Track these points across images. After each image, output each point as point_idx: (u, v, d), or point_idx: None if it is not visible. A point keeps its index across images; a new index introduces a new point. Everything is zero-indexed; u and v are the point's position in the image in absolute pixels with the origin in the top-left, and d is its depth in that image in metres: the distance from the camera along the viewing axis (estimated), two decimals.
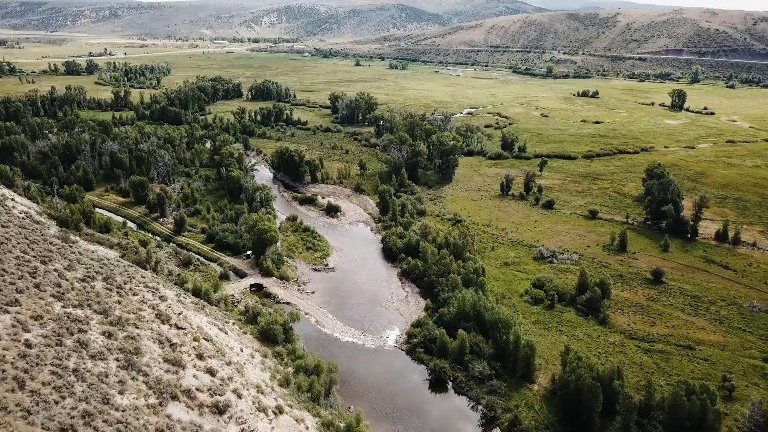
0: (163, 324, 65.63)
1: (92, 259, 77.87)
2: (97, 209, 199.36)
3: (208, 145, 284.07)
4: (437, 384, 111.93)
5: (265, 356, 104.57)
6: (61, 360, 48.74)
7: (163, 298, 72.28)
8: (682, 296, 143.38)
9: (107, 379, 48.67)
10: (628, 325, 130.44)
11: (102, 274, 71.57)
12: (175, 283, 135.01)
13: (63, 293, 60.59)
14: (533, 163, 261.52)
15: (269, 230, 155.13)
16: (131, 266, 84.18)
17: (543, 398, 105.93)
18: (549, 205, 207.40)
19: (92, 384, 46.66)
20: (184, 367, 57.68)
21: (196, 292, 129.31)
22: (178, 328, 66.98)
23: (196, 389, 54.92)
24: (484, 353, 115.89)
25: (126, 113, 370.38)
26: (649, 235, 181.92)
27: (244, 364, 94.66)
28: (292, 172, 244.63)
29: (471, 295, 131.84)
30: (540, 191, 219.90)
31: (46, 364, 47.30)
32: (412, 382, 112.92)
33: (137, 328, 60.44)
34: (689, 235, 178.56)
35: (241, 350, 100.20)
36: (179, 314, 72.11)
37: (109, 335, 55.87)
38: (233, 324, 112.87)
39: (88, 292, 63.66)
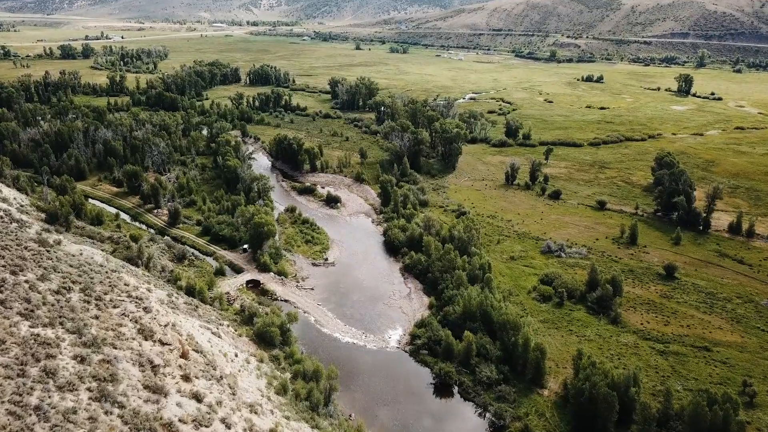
0: (146, 340, 59.79)
1: (71, 266, 71.74)
2: (89, 200, 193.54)
3: (204, 132, 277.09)
4: (443, 389, 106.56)
5: (261, 361, 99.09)
6: (21, 396, 42.81)
7: (147, 310, 66.38)
8: (696, 293, 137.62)
9: (75, 416, 42.86)
10: (641, 324, 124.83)
11: (80, 283, 65.47)
12: (167, 281, 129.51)
13: (32, 310, 54.56)
14: (538, 151, 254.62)
15: (266, 224, 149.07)
16: (114, 272, 78.29)
17: (554, 405, 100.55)
18: (556, 196, 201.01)
19: (56, 426, 40.85)
20: (167, 394, 51.93)
21: (190, 291, 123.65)
22: (163, 344, 61.14)
23: (180, 421, 49.23)
24: (491, 355, 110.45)
25: (121, 99, 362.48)
26: (660, 227, 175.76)
27: (239, 371, 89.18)
28: (290, 160, 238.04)
29: (477, 293, 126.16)
30: (546, 180, 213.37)
31: (3, 402, 41.53)
32: (416, 387, 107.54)
33: (115, 348, 54.53)
34: (701, 228, 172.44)
35: (236, 356, 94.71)
36: (165, 326, 66.36)
37: (82, 360, 49.99)
38: (228, 326, 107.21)
39: (61, 307, 57.65)
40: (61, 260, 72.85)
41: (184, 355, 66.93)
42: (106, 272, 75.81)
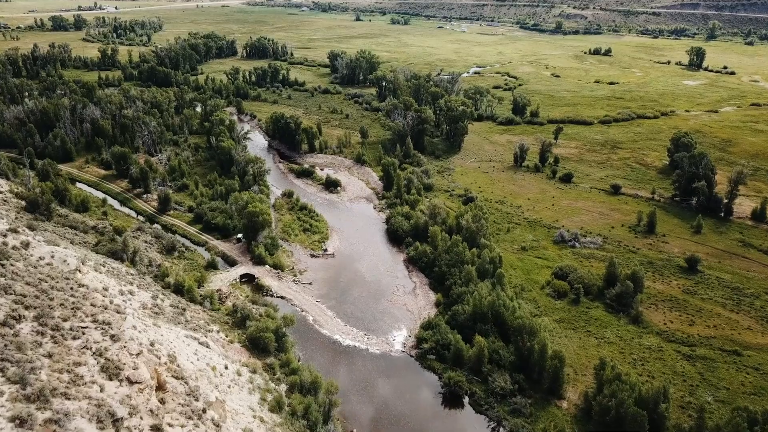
0: (111, 381, 50.60)
1: (28, 283, 62.05)
2: (76, 184, 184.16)
3: (198, 109, 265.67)
4: (452, 399, 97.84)
5: (254, 372, 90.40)
6: None
7: (115, 338, 56.90)
8: (721, 288, 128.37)
9: None
10: (664, 324, 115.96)
11: (35, 308, 55.88)
12: (155, 276, 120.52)
13: None
14: (547, 130, 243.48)
15: (261, 213, 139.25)
16: (82, 286, 68.67)
17: (574, 419, 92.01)
18: (567, 179, 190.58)
19: None
20: None
21: (178, 289, 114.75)
22: (131, 382, 52.02)
23: None
24: (504, 361, 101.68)
25: (113, 73, 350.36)
26: (678, 214, 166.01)
27: (229, 387, 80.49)
28: (288, 140, 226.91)
29: (488, 289, 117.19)
30: (556, 162, 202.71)
31: None
32: (423, 397, 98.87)
33: (68, 398, 45.38)
34: (722, 214, 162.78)
35: (226, 368, 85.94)
36: (138, 355, 57.15)
37: (22, 423, 40.81)
38: (218, 332, 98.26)
39: (6, 345, 47.94)
40: (18, 275, 63.27)
41: (160, 387, 58.00)
42: (72, 288, 66.20)
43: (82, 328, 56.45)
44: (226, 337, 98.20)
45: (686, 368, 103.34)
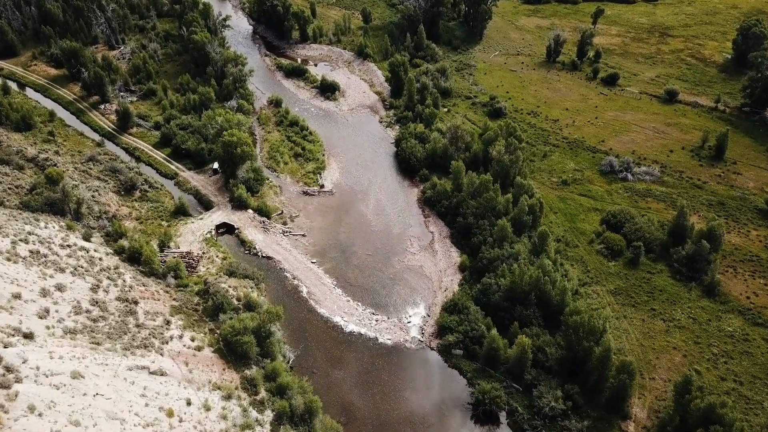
0: None
1: None
2: (25, 89, 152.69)
3: None
4: (485, 415, 76.39)
5: (229, 397, 68.22)
6: None
7: None
8: None
9: None
10: (747, 297, 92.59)
11: None
12: (106, 235, 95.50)
13: None
14: (582, 10, 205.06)
15: (240, 144, 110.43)
16: None
17: None
18: (611, 80, 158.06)
19: None
20: None
21: (134, 256, 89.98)
22: None
23: None
24: (551, 360, 79.42)
25: None
26: (749, 131, 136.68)
27: None
28: (276, 26, 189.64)
29: (527, 252, 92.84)
30: (597, 58, 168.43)
31: None
32: (447, 411, 77.52)
33: None
34: None
35: (189, 404, 63.74)
36: None
37: None
38: (180, 337, 74.76)
39: None
40: None
41: None
42: None
43: None
44: (193, 340, 74.94)
45: None
